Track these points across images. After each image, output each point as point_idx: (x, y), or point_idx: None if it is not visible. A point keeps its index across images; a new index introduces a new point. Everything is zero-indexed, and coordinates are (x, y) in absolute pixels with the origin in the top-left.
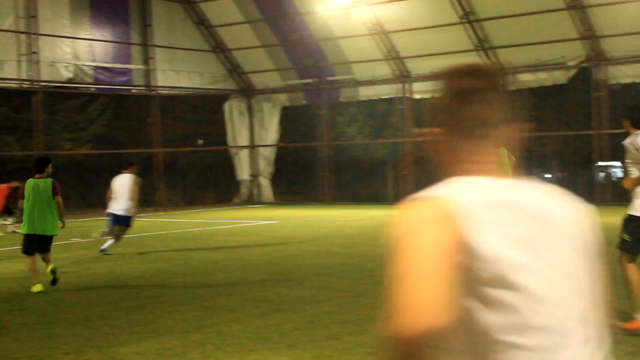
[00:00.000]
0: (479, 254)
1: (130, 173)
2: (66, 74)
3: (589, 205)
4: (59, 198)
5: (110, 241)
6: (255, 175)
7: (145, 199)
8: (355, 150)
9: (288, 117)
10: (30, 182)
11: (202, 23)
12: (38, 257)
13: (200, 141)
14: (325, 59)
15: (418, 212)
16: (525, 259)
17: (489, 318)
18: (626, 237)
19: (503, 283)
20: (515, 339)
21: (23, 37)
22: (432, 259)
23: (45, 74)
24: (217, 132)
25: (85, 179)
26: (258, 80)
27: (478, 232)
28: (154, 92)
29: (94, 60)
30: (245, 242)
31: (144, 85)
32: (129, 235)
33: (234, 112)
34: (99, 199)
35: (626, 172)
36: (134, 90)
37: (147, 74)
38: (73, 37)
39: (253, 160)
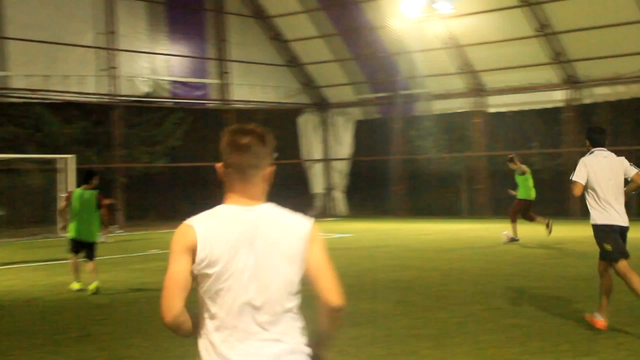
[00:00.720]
0: (205, 255)
1: None
2: (144, 88)
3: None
4: (103, 210)
5: None
6: (329, 189)
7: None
8: (429, 164)
9: (362, 130)
10: (77, 192)
11: (276, 38)
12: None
13: (274, 154)
14: (399, 73)
15: (190, 227)
16: (226, 257)
17: (204, 293)
18: (606, 246)
19: (208, 271)
20: (218, 320)
21: (103, 52)
22: (175, 264)
23: (124, 89)
24: (291, 145)
25: (161, 192)
26: (332, 94)
27: (202, 241)
28: (229, 106)
29: (171, 75)
30: None
31: (219, 99)
32: None
33: (308, 126)
34: (174, 211)
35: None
36: (209, 104)
37: (223, 88)
38: (151, 53)
39: (327, 173)
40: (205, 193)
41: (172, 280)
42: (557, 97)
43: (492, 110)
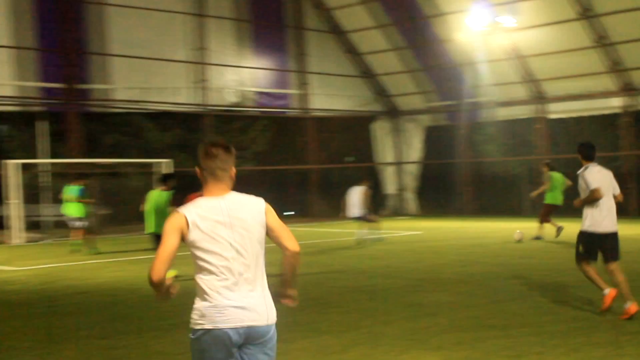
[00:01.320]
0: (193, 235)
1: (362, 185)
2: (232, 98)
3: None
4: (172, 208)
5: (362, 233)
6: (400, 190)
7: (301, 209)
8: (493, 167)
9: (431, 136)
10: (153, 192)
11: (351, 51)
12: None
13: (350, 158)
14: (465, 82)
15: (181, 214)
16: (211, 233)
17: (197, 263)
18: (580, 249)
19: (199, 245)
20: (208, 276)
21: (195, 67)
22: (168, 239)
23: (214, 99)
24: (365, 150)
25: (248, 193)
26: (403, 103)
27: (191, 224)
28: (309, 114)
29: (256, 86)
30: (393, 250)
31: (300, 108)
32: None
33: (381, 132)
34: None
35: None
36: (291, 113)
37: (303, 97)
38: (238, 66)
39: (399, 175)
40: (288, 193)
41: (164, 252)
42: (615, 104)
43: (552, 116)
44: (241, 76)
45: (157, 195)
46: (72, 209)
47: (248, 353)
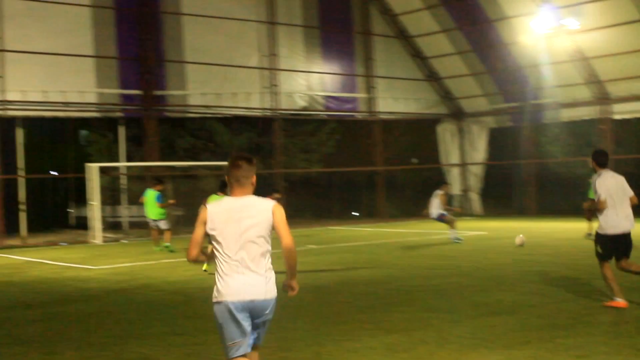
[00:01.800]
0: (210, 225)
1: (442, 189)
2: (301, 103)
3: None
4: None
5: (453, 232)
6: (465, 190)
7: (367, 210)
8: (557, 168)
9: (495, 137)
10: (212, 197)
11: (417, 55)
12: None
13: (414, 160)
14: (529, 84)
15: (206, 209)
16: (224, 226)
17: (215, 248)
18: (599, 249)
19: (216, 233)
20: (222, 258)
21: (266, 72)
22: (200, 225)
23: (284, 103)
24: (430, 151)
25: (317, 193)
26: (467, 105)
27: (210, 214)
28: (375, 117)
29: (324, 91)
30: (458, 250)
31: (367, 111)
32: (355, 244)
33: (446, 134)
34: (328, 210)
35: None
36: (358, 116)
37: (370, 101)
38: (307, 71)
39: (463, 176)
40: (355, 194)
41: (194, 239)
42: None
43: (617, 117)
44: (310, 81)
45: (214, 199)
46: (151, 212)
47: (255, 324)
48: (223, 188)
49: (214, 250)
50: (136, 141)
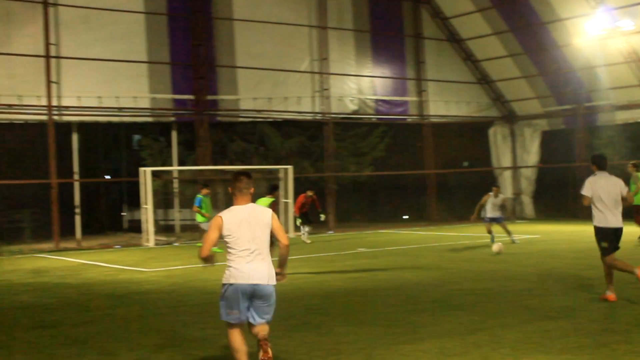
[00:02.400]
0: (226, 230)
1: (492, 191)
2: (352, 106)
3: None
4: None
5: (513, 236)
6: (517, 194)
7: (418, 214)
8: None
9: (548, 140)
10: (261, 200)
11: (468, 58)
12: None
13: (465, 163)
14: (583, 86)
15: (219, 216)
16: (237, 229)
17: (228, 245)
18: (604, 244)
19: (229, 235)
20: (235, 253)
21: (317, 76)
22: (212, 230)
23: (334, 107)
24: (481, 155)
25: (367, 197)
26: (520, 108)
27: (225, 223)
28: (426, 120)
29: (375, 94)
30: (511, 254)
31: (417, 115)
32: (405, 247)
33: (497, 137)
34: (378, 214)
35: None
36: (409, 119)
37: (421, 104)
38: (357, 75)
39: (515, 180)
40: (405, 197)
41: (209, 240)
42: None
43: None
44: (361, 84)
45: (262, 202)
46: (197, 216)
47: (256, 305)
48: (272, 191)
49: (227, 247)
50: (188, 145)
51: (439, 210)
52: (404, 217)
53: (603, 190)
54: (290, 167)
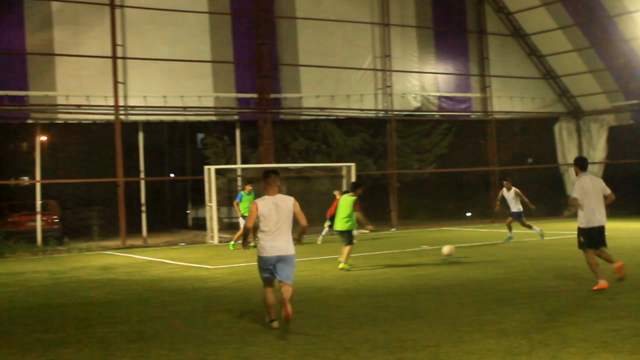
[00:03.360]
0: (261, 213)
1: (505, 186)
2: (414, 103)
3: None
4: (358, 213)
5: (536, 228)
6: None
7: (482, 211)
8: None
9: (615, 135)
10: (344, 197)
11: (533, 53)
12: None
13: (529, 160)
14: None
15: (255, 202)
16: (267, 212)
17: (260, 224)
18: (581, 239)
19: (262, 216)
20: (264, 231)
21: (379, 74)
22: (252, 213)
23: (397, 104)
24: (546, 151)
25: (431, 194)
26: (586, 103)
27: (260, 208)
28: (490, 116)
29: (438, 91)
30: (577, 252)
31: (481, 111)
32: (468, 244)
33: (563, 133)
34: (441, 211)
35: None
36: (472, 116)
37: (484, 101)
38: (420, 72)
39: None
40: (469, 194)
41: (250, 220)
42: None
43: None
44: (423, 81)
45: (346, 199)
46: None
47: (279, 267)
48: (355, 189)
49: (260, 227)
50: (251, 143)
51: (503, 207)
52: (467, 214)
53: (590, 190)
54: (352, 165)
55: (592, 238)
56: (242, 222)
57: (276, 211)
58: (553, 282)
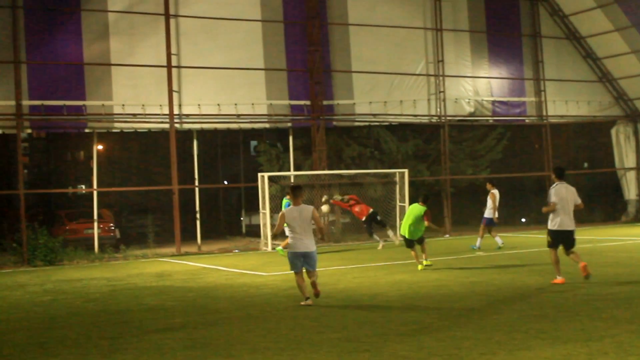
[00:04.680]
0: (287, 220)
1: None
2: (468, 108)
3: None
4: (429, 223)
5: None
6: None
7: (537, 217)
8: None
9: None
10: (414, 205)
11: (589, 56)
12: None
13: (585, 164)
14: None
15: (283, 211)
16: (293, 219)
17: (288, 227)
18: (549, 239)
19: (288, 223)
20: (292, 234)
21: (432, 79)
22: (280, 219)
23: (450, 109)
24: (603, 155)
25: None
26: None
27: (286, 216)
28: (545, 121)
29: (491, 95)
30: (635, 258)
31: (536, 115)
32: (524, 250)
33: (620, 137)
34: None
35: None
36: (527, 120)
37: (539, 105)
38: (474, 77)
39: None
40: (523, 200)
41: (279, 226)
42: None
43: None
44: (477, 86)
45: (417, 209)
46: None
47: (306, 261)
48: (425, 201)
49: (288, 231)
50: (305, 150)
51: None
52: (522, 220)
53: (564, 198)
54: (406, 171)
55: (559, 240)
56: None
57: (299, 218)
58: (611, 289)
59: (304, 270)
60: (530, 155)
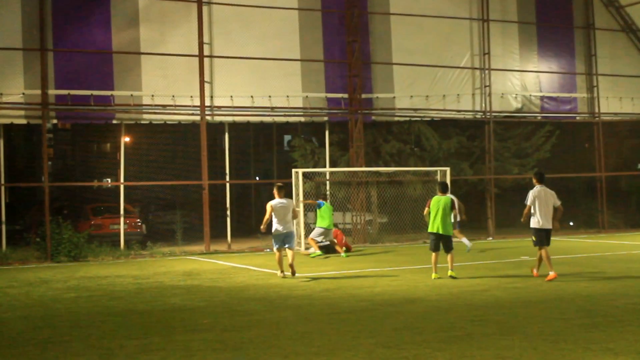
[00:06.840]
0: (274, 209)
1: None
2: (515, 104)
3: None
4: (455, 211)
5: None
6: None
7: (587, 220)
8: None
9: None
10: (435, 198)
11: None
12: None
13: (639, 165)
14: None
15: (270, 203)
16: (277, 209)
17: (274, 215)
18: (533, 238)
19: (275, 212)
20: (276, 221)
21: (477, 72)
22: (269, 208)
23: (496, 105)
24: None
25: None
26: None
27: (273, 206)
28: (597, 118)
29: (540, 91)
30: None
31: (587, 112)
32: (571, 256)
33: None
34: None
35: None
36: (578, 118)
37: (591, 101)
38: (522, 70)
39: None
40: (572, 202)
41: (268, 214)
42: None
43: None
44: (525, 80)
45: (443, 200)
46: (318, 220)
47: (286, 240)
48: (445, 191)
49: (273, 218)
50: (341, 145)
51: (610, 217)
52: (570, 223)
53: (543, 200)
54: (447, 169)
55: (543, 237)
56: (316, 231)
57: (282, 209)
58: None
59: (284, 250)
60: (580, 154)
